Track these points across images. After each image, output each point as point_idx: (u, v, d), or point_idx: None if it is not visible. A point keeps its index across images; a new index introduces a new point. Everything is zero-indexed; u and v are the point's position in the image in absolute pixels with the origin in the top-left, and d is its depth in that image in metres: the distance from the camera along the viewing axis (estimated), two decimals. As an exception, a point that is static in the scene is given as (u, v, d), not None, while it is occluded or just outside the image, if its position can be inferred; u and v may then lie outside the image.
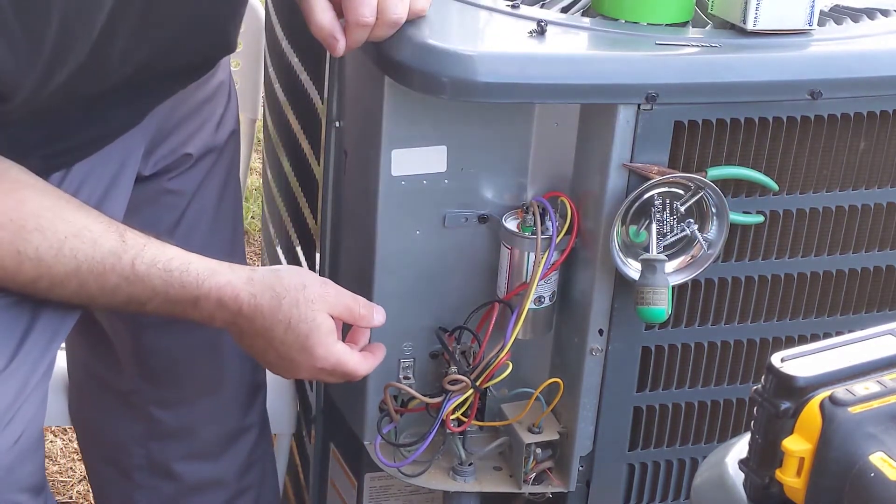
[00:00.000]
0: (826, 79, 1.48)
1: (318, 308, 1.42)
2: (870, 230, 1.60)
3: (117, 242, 1.35)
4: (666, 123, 1.46)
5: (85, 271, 1.34)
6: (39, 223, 1.31)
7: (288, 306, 1.40)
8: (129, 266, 1.36)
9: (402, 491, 1.77)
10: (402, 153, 1.50)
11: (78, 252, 1.33)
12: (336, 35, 1.41)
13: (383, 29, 1.41)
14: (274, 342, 1.41)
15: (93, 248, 1.34)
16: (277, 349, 1.42)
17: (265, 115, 2.07)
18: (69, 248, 1.33)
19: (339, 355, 1.43)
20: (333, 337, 1.43)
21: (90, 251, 1.34)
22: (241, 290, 1.39)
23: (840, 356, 0.95)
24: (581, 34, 1.53)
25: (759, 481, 0.94)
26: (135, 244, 1.37)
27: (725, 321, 1.59)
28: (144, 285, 1.36)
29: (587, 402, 1.59)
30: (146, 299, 1.37)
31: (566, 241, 1.53)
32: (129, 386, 1.75)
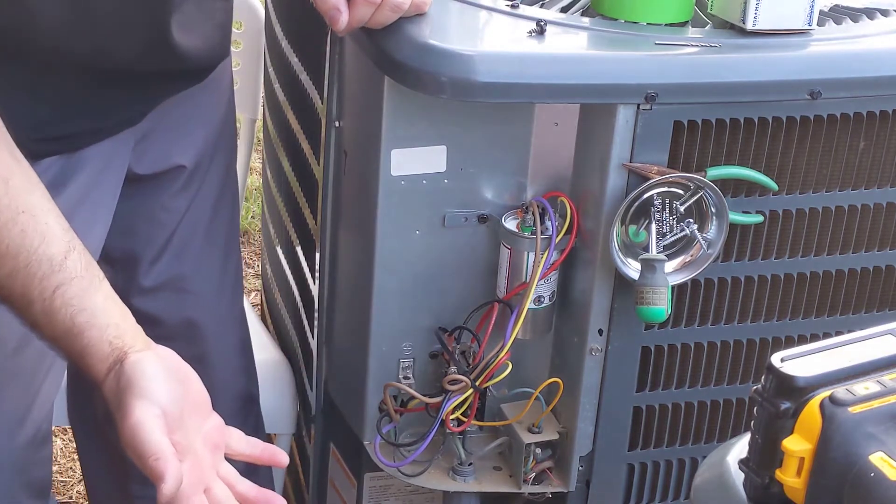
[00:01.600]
0: (826, 79, 1.48)
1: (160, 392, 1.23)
2: (870, 230, 1.60)
3: (60, 255, 1.24)
4: (665, 123, 1.46)
5: (22, 261, 1.21)
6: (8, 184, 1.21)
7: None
8: (50, 289, 1.22)
9: (401, 491, 1.77)
10: (402, 153, 1.50)
11: (26, 237, 1.21)
12: (340, 7, 1.39)
13: (385, 13, 1.39)
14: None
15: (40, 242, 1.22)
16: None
17: (265, 115, 2.07)
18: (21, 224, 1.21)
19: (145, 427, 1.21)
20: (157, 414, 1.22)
21: (35, 244, 1.22)
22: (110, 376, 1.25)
23: (840, 356, 0.95)
24: (580, 34, 1.53)
25: (759, 481, 0.94)
26: (72, 268, 1.25)
27: (725, 321, 1.59)
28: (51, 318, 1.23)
29: (587, 401, 1.59)
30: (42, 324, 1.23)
31: (566, 241, 1.53)
32: None
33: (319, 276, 1.70)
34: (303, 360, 1.89)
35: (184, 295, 1.67)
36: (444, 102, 1.45)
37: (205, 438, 1.22)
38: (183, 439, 1.20)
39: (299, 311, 1.88)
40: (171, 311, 1.67)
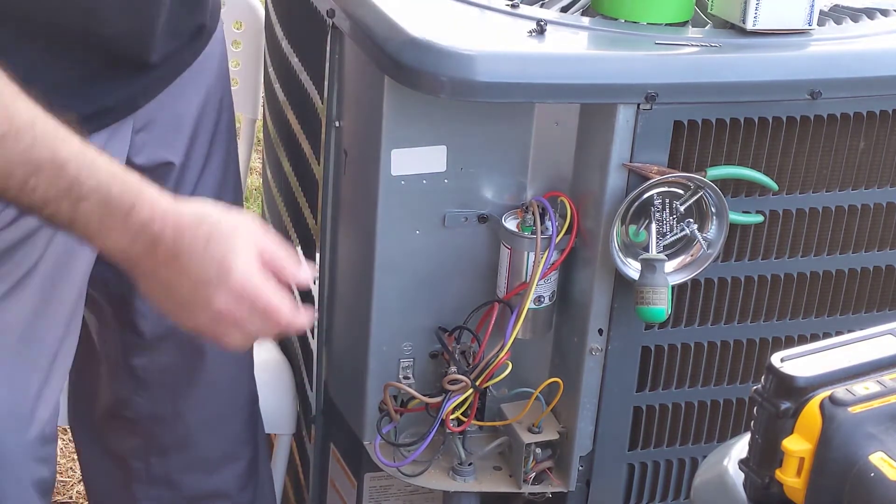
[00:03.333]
0: (826, 79, 1.48)
1: (243, 232, 1.28)
2: (870, 230, 1.60)
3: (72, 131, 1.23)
4: (665, 123, 1.46)
5: (40, 128, 1.19)
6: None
7: (210, 225, 1.26)
8: (78, 145, 1.21)
9: (401, 491, 1.77)
10: (402, 153, 1.50)
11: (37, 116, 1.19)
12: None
13: None
14: (191, 265, 1.25)
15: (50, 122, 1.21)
16: (192, 273, 1.25)
17: (265, 115, 2.07)
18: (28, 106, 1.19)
19: (259, 280, 1.26)
20: (255, 261, 1.27)
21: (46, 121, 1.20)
22: (169, 206, 1.26)
23: (840, 356, 0.95)
24: (580, 34, 1.53)
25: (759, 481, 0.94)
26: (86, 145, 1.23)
27: (725, 321, 1.59)
28: (91, 172, 1.21)
29: (587, 401, 1.59)
30: (84, 193, 1.21)
31: (566, 241, 1.53)
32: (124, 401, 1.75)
33: (319, 276, 1.70)
34: (303, 360, 1.89)
35: None
36: (444, 102, 1.45)
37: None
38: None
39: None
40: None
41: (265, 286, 1.26)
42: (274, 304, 1.26)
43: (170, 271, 1.24)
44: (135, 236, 1.23)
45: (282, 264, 1.29)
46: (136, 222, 1.22)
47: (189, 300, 1.26)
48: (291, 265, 1.29)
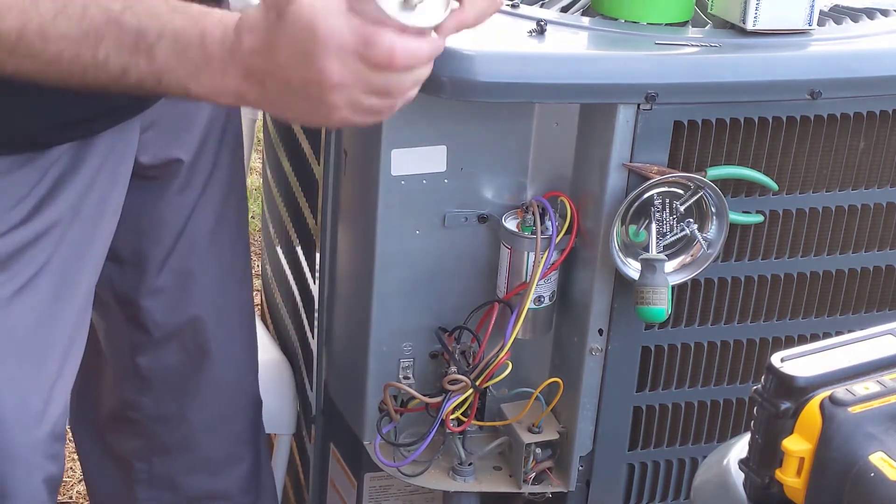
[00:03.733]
0: (826, 79, 1.48)
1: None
2: (870, 230, 1.60)
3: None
4: (665, 123, 1.46)
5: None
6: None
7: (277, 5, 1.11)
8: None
9: (401, 491, 1.77)
10: (402, 153, 1.50)
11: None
12: None
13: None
14: (282, 52, 1.11)
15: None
16: (290, 59, 1.10)
17: (265, 114, 2.07)
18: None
19: (361, 23, 1.08)
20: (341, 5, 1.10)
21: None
22: (234, 17, 1.15)
23: (840, 356, 0.95)
24: (581, 34, 1.53)
25: (759, 481, 0.94)
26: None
27: (725, 321, 1.59)
28: (150, 15, 1.13)
29: (587, 401, 1.59)
30: (153, 40, 1.13)
31: (566, 241, 1.53)
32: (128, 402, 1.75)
33: (319, 275, 1.70)
34: (303, 361, 1.89)
35: (190, 292, 1.67)
36: (444, 102, 1.45)
37: None
38: None
39: (299, 311, 1.88)
40: (178, 308, 1.67)
41: (370, 28, 1.08)
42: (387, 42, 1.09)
43: (276, 78, 1.12)
44: (222, 63, 1.14)
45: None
46: (214, 47, 1.13)
47: (308, 91, 1.12)
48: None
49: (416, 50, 1.09)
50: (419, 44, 1.10)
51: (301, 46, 1.08)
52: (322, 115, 1.13)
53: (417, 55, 1.10)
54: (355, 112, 1.13)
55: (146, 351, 1.69)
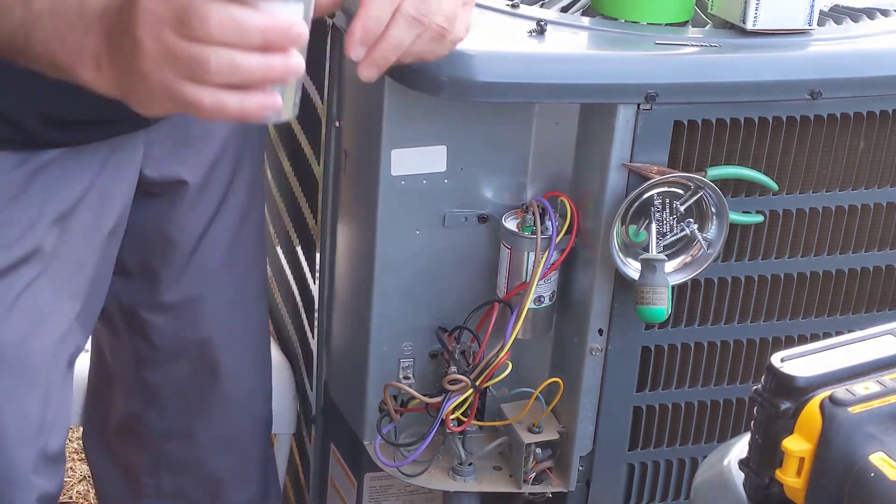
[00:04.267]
0: (826, 79, 1.48)
1: None
2: (870, 230, 1.60)
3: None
4: (665, 123, 1.46)
5: None
6: None
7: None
8: None
9: (402, 491, 1.77)
10: (402, 153, 1.50)
11: None
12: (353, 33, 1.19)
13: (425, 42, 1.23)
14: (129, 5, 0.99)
15: None
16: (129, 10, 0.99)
17: (265, 114, 2.07)
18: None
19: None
20: None
21: None
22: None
23: (840, 356, 0.95)
24: (581, 34, 1.53)
25: (759, 481, 0.94)
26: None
27: (725, 321, 1.59)
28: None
29: (587, 401, 1.59)
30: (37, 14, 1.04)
31: (566, 241, 1.53)
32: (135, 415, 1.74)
33: (319, 276, 1.70)
34: (303, 361, 1.89)
35: (199, 314, 1.65)
36: (444, 102, 1.45)
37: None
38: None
39: (299, 311, 1.88)
40: (186, 328, 1.65)
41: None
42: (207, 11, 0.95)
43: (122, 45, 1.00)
44: (91, 20, 1.02)
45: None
46: (91, 16, 1.02)
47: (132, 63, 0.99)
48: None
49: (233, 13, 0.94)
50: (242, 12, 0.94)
51: (129, 16, 0.97)
52: (141, 94, 1.00)
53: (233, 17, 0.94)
54: (164, 60, 0.97)
55: (153, 365, 1.68)
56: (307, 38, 0.99)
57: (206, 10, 0.94)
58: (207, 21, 0.94)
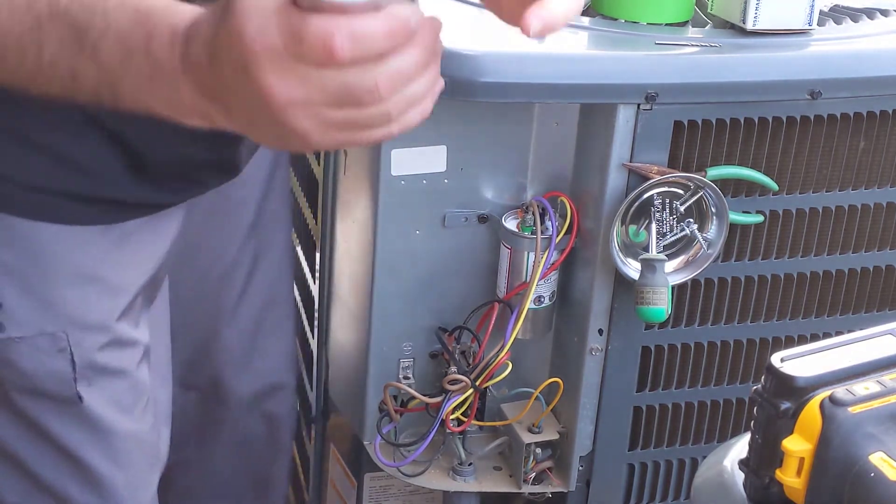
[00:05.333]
0: (826, 79, 1.48)
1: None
2: (870, 230, 1.60)
3: None
4: (666, 123, 1.46)
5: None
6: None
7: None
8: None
9: (401, 491, 1.77)
10: (402, 153, 1.50)
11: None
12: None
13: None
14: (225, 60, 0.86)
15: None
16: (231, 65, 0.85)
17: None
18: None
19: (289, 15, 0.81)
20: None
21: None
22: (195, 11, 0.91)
23: (840, 356, 0.95)
24: (581, 34, 1.52)
25: (759, 481, 0.94)
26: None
27: (725, 321, 1.59)
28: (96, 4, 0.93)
29: (587, 401, 1.59)
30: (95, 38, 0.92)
31: (566, 241, 1.53)
32: None
33: (319, 276, 1.70)
34: (303, 360, 1.89)
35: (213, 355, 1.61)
36: (444, 102, 1.44)
37: None
38: None
39: (299, 311, 1.88)
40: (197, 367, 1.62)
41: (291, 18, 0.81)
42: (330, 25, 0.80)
43: (232, 96, 0.87)
44: (173, 74, 0.90)
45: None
46: (161, 52, 0.90)
47: (265, 114, 0.85)
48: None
49: (362, 29, 0.80)
50: (365, 22, 0.81)
51: (237, 58, 0.84)
52: (294, 141, 0.87)
53: (365, 36, 0.81)
54: (329, 131, 0.86)
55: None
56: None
57: (370, 81, 0.83)
58: (377, 88, 0.84)
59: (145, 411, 1.37)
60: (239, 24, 0.82)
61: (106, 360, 1.30)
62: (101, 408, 1.32)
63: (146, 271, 1.33)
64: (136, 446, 1.37)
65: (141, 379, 1.35)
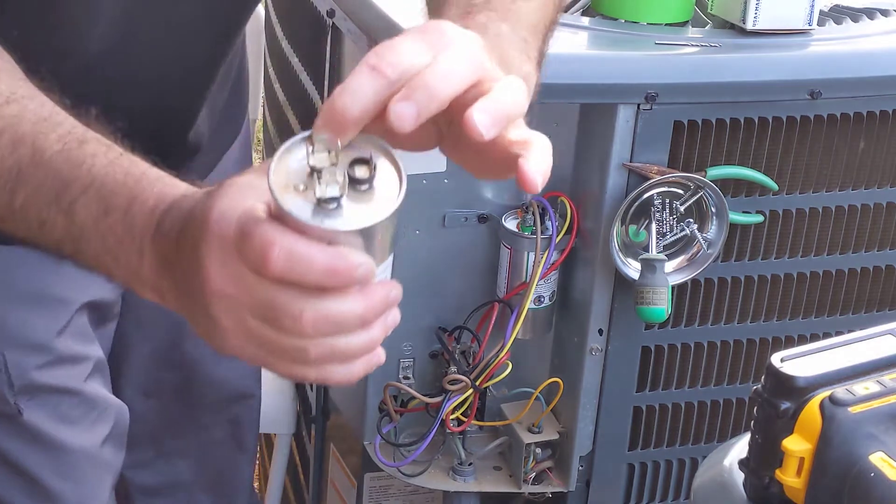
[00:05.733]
0: (826, 79, 1.48)
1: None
2: (870, 230, 1.60)
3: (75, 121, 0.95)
4: (665, 123, 1.46)
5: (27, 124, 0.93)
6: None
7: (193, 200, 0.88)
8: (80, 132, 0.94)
9: (401, 491, 1.77)
10: (402, 152, 1.50)
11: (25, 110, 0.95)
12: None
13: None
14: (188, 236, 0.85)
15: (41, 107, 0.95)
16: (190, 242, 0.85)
17: (265, 115, 2.07)
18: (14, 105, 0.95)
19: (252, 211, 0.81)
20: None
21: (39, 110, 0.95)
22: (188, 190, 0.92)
23: (840, 356, 0.95)
24: (581, 34, 1.53)
25: (759, 481, 0.94)
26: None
27: (725, 321, 1.59)
28: (83, 161, 0.92)
29: (587, 401, 1.59)
30: (76, 194, 0.92)
31: (566, 241, 1.52)
32: None
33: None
34: (303, 360, 1.89)
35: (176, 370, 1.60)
36: (444, 102, 1.45)
37: None
38: None
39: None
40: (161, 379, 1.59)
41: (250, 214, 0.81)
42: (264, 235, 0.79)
43: (182, 276, 0.87)
44: (141, 241, 0.89)
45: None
46: (139, 218, 0.90)
47: (198, 299, 0.85)
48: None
49: (301, 253, 0.78)
50: (308, 247, 0.78)
51: (196, 234, 0.83)
52: (216, 337, 0.85)
53: (302, 259, 0.78)
54: (248, 340, 0.83)
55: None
56: (400, 294, 0.90)
57: (296, 310, 0.80)
58: (300, 320, 0.81)
59: (96, 424, 1.37)
60: (211, 204, 0.83)
61: (45, 380, 1.31)
62: (44, 422, 1.33)
63: (89, 284, 1.33)
64: (86, 459, 1.37)
65: (90, 394, 1.36)
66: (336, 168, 0.79)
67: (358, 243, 0.80)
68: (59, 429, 1.34)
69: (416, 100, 0.80)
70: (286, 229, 0.79)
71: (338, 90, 0.79)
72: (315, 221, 0.78)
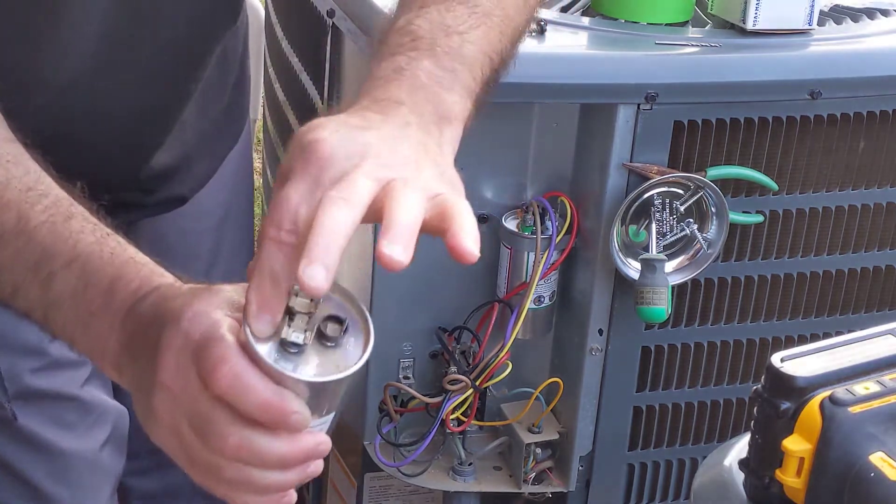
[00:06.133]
0: (826, 79, 1.48)
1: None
2: (870, 230, 1.60)
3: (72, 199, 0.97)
4: (666, 123, 1.46)
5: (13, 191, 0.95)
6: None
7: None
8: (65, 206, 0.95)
9: (401, 491, 1.77)
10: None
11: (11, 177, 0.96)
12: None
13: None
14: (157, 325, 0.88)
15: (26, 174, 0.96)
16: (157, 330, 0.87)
17: (265, 115, 2.07)
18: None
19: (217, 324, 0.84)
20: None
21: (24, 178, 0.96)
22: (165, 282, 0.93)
23: (840, 356, 0.95)
24: (581, 34, 1.53)
25: (759, 481, 0.94)
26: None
27: (725, 321, 1.59)
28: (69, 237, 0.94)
29: (587, 401, 1.59)
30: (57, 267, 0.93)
31: (566, 241, 1.52)
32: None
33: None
34: (303, 360, 1.89)
35: None
36: (444, 102, 1.45)
37: None
38: None
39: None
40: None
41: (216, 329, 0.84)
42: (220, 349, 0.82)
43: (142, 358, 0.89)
44: (113, 317, 0.91)
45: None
46: (119, 295, 0.91)
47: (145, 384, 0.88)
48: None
49: (246, 380, 0.81)
50: (252, 376, 0.81)
51: (164, 322, 0.86)
52: (151, 425, 0.88)
53: (243, 387, 0.81)
54: (178, 443, 0.86)
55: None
56: (329, 449, 0.92)
57: (224, 430, 0.83)
58: (224, 440, 0.84)
59: (93, 428, 1.38)
60: (191, 302, 0.86)
61: (40, 384, 1.31)
62: (39, 427, 1.33)
63: None
64: (83, 464, 1.38)
65: (86, 398, 1.36)
66: (311, 316, 0.83)
67: (304, 392, 0.82)
68: (55, 433, 1.35)
69: (317, 259, 0.87)
70: (242, 354, 0.82)
71: (256, 277, 0.83)
72: (269, 358, 0.81)
